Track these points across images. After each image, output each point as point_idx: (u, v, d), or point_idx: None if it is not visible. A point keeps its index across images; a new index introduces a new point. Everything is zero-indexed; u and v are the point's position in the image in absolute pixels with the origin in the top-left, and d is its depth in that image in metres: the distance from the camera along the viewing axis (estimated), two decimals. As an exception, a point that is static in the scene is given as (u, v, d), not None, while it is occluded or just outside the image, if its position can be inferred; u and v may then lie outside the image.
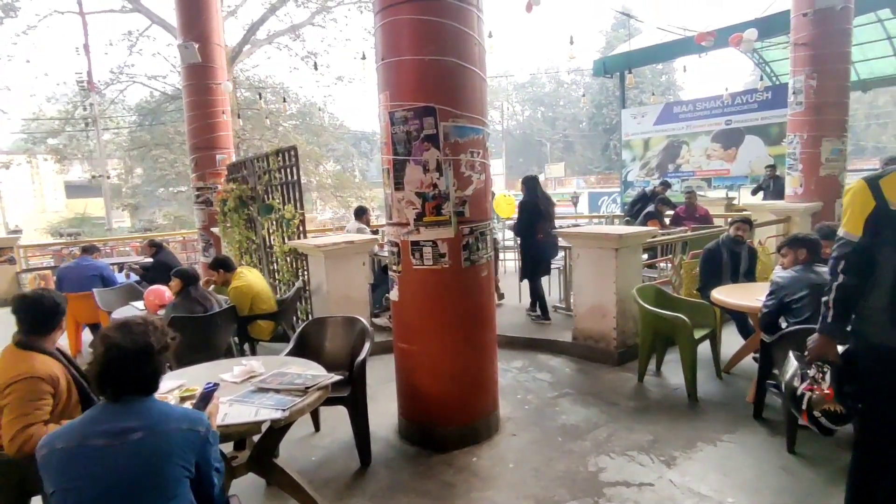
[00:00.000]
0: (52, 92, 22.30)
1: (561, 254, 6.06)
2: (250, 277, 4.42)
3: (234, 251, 6.95)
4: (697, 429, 3.27)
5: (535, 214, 5.53)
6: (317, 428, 3.46)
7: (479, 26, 3.11)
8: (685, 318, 3.62)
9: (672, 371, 4.14)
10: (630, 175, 12.14)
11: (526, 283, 5.94)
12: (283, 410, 2.07)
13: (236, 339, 4.41)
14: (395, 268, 3.17)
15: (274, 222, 5.73)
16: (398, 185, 3.04)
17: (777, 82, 11.95)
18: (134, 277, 6.43)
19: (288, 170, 5.23)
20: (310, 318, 5.38)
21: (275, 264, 5.98)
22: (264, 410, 2.08)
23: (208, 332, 3.81)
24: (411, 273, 3.09)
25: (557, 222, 6.32)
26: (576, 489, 2.71)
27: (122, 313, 4.54)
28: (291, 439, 3.20)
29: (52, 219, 27.79)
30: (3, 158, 22.75)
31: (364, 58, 9.44)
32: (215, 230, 7.64)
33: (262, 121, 18.39)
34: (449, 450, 3.13)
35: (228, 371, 2.57)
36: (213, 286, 4.53)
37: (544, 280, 5.84)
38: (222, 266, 4.48)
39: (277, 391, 2.25)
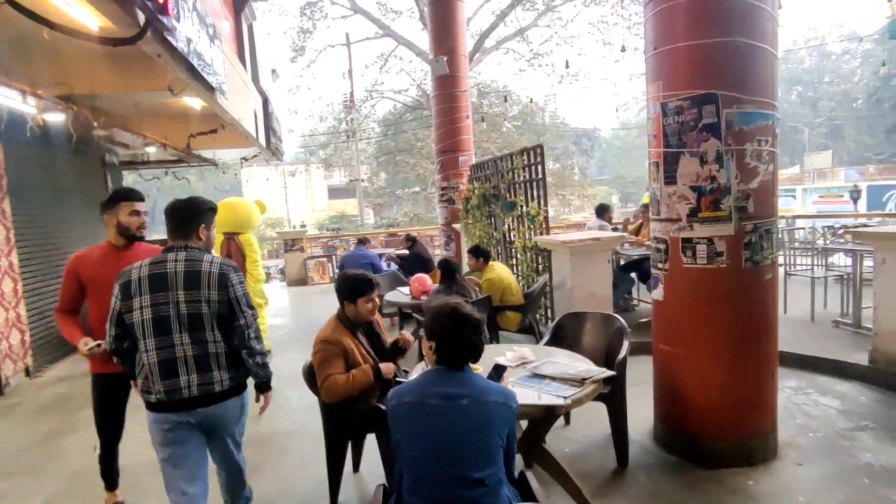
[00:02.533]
0: (322, 112, 27.08)
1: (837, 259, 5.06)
2: (500, 271, 4.71)
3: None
4: None
5: None
6: (567, 421, 3.51)
7: (773, -3, 2.76)
8: None
9: None
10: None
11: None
12: (565, 398, 2.15)
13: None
14: (660, 265, 3.02)
15: (515, 218, 6.00)
16: (669, 178, 2.88)
17: None
18: (394, 266, 7.41)
19: (533, 168, 5.41)
20: (549, 312, 5.51)
21: (514, 259, 6.26)
22: (546, 396, 2.19)
23: (467, 318, 4.16)
24: (680, 272, 2.90)
25: (834, 221, 5.30)
26: (898, 544, 2.23)
27: (391, 297, 5.28)
28: (545, 428, 3.31)
29: (318, 216, 33.83)
30: (290, 168, 28.79)
31: (624, 50, 9.17)
32: (457, 226, 8.34)
33: (500, 123, 19.29)
34: (716, 467, 2.87)
35: (500, 356, 2.77)
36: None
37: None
38: (483, 255, 4.87)
39: (553, 379, 2.34)
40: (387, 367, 2.63)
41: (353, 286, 2.68)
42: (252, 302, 2.15)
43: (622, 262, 5.89)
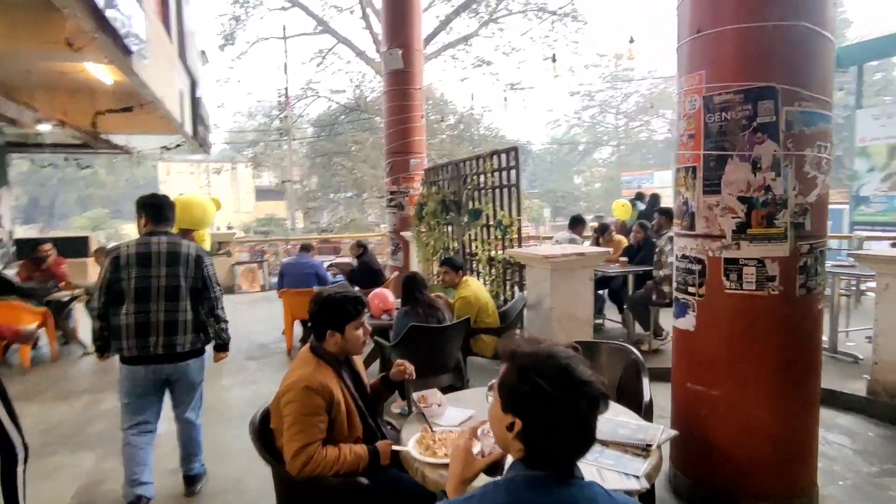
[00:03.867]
0: (252, 108, 25.42)
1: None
2: (475, 287, 4.09)
3: (424, 256, 6.85)
4: None
5: None
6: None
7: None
8: None
9: None
10: (864, 189, 10.01)
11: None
12: (637, 478, 1.57)
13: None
14: (691, 290, 2.55)
15: (480, 228, 5.44)
16: (710, 187, 2.42)
17: None
18: (340, 277, 6.61)
19: (506, 172, 4.88)
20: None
21: (475, 273, 5.69)
22: (610, 474, 1.60)
23: (442, 343, 3.52)
24: (721, 298, 2.43)
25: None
26: None
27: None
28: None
29: (244, 218, 31.78)
30: (215, 165, 26.84)
31: (632, 41, 8.84)
32: (406, 234, 7.66)
33: (438, 129, 18.82)
34: (756, 531, 2.42)
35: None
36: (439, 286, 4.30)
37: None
38: (461, 268, 4.19)
39: (606, 445, 1.76)
40: (385, 451, 1.89)
41: (341, 308, 1.94)
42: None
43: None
